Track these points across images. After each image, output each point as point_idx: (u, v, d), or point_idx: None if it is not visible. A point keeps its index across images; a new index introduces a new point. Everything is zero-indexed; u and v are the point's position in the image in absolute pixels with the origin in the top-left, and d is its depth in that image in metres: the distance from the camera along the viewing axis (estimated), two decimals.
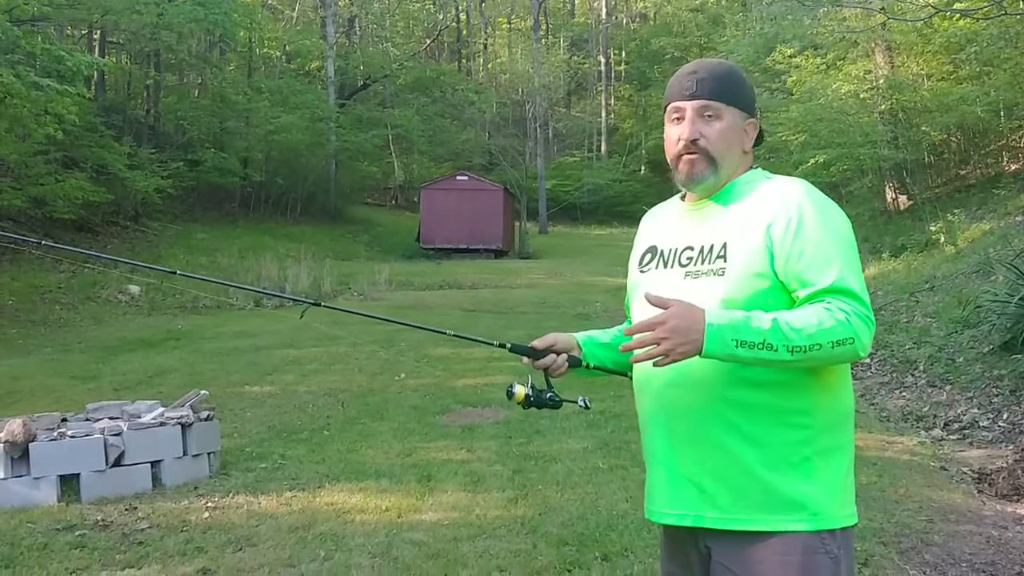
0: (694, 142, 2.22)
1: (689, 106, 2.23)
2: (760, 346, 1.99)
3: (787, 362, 2.01)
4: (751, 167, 2.31)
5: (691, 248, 2.25)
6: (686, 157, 2.23)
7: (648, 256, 2.38)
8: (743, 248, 2.15)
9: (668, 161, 2.31)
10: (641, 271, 2.38)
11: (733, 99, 2.25)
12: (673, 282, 2.23)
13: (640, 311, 2.30)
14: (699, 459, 2.16)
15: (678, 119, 2.26)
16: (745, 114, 2.28)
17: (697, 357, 2.02)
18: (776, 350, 1.99)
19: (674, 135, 2.26)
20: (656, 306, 2.04)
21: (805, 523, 2.08)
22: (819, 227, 2.12)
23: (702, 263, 2.20)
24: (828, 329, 2.00)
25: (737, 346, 1.99)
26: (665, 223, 2.41)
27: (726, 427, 2.12)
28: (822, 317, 2.01)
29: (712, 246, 2.20)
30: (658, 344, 2.00)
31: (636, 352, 2.06)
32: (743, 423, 2.11)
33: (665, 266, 2.30)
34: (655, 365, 2.03)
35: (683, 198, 2.38)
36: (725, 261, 2.15)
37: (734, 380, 2.11)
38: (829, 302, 2.05)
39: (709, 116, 2.23)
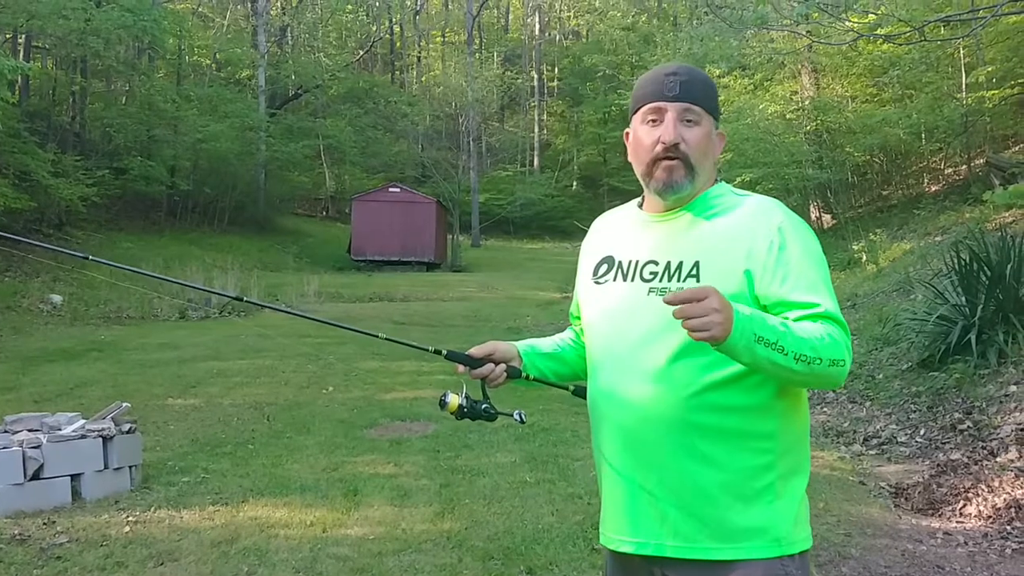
0: (675, 146, 2.08)
1: (672, 108, 2.10)
2: (774, 346, 1.88)
3: (790, 370, 1.92)
4: (716, 180, 2.19)
5: (655, 263, 2.11)
6: (665, 163, 2.10)
7: (604, 267, 2.23)
8: (718, 268, 2.03)
9: (637, 166, 2.18)
10: (596, 282, 2.24)
11: (710, 107, 2.15)
12: (635, 297, 2.11)
13: (596, 322, 2.22)
14: (662, 485, 2.06)
15: (655, 121, 2.12)
16: (716, 123, 2.17)
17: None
18: (786, 354, 1.89)
19: (650, 138, 2.12)
20: (675, 303, 1.88)
21: (767, 549, 2.02)
22: (801, 251, 2.04)
23: (669, 280, 2.07)
24: (829, 345, 1.94)
25: (756, 340, 1.87)
26: (622, 232, 2.25)
27: (691, 453, 2.03)
28: (822, 333, 1.95)
29: (681, 263, 2.07)
30: (704, 316, 1.84)
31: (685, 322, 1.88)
32: (708, 448, 2.02)
33: (624, 279, 2.16)
34: (694, 338, 1.87)
35: (641, 206, 2.25)
36: (697, 280, 2.03)
37: (699, 405, 2.02)
38: (825, 324, 1.98)
39: (690, 121, 2.10)
